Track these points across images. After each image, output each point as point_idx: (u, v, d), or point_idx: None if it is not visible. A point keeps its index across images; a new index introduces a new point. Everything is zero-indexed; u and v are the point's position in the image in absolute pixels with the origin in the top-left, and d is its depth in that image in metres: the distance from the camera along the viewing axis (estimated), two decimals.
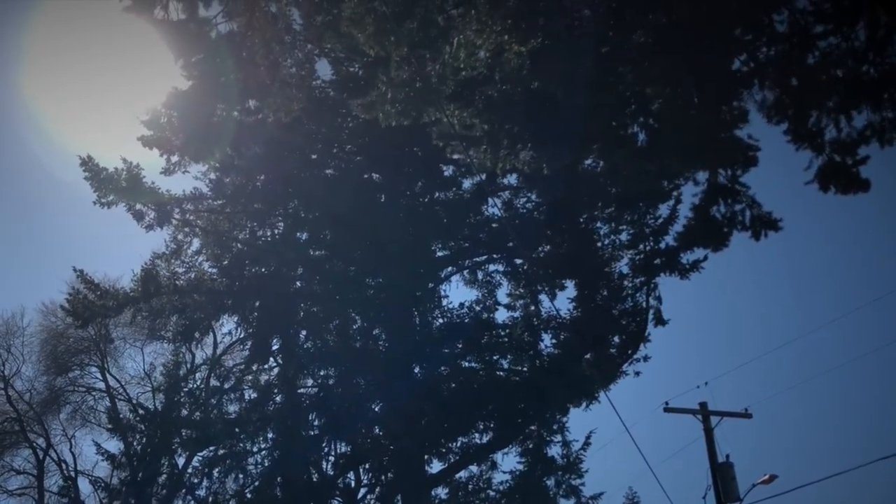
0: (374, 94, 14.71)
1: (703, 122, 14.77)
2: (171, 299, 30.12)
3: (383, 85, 14.30)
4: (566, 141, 14.40)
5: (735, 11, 13.57)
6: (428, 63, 13.83)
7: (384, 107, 14.51)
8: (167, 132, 23.68)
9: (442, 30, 13.26)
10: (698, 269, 21.81)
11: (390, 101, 14.31)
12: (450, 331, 27.49)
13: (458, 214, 27.33)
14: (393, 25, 12.33)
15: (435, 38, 13.20)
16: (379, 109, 14.76)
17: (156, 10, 13.18)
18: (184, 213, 28.79)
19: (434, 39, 13.21)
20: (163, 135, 23.69)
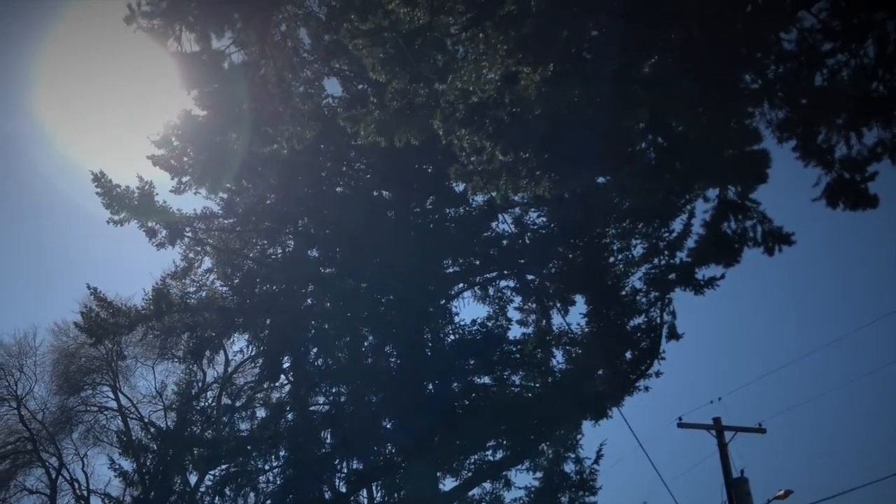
0: (362, 110, 14.90)
1: (713, 140, 14.85)
2: (182, 317, 30.20)
3: (373, 105, 14.51)
4: (582, 165, 14.47)
5: (744, 31, 13.64)
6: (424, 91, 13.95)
7: (367, 125, 14.69)
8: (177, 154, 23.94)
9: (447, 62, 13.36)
10: (714, 286, 21.75)
11: (374, 119, 14.51)
12: (461, 347, 27.45)
13: (469, 230, 27.34)
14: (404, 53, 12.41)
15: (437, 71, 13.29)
16: (361, 125, 14.92)
17: (169, 41, 13.31)
18: (195, 231, 28.92)
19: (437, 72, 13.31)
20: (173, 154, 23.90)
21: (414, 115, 14.02)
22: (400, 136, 14.64)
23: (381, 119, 14.35)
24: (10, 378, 41.95)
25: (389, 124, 14.37)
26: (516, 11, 12.66)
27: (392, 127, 14.41)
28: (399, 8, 12.50)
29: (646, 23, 13.22)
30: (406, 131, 14.43)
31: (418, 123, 14.31)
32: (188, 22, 13.45)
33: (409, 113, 13.98)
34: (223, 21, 13.51)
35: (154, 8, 13.27)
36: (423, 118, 14.28)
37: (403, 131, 14.46)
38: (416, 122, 14.24)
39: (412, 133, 14.51)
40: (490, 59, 13.90)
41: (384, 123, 14.39)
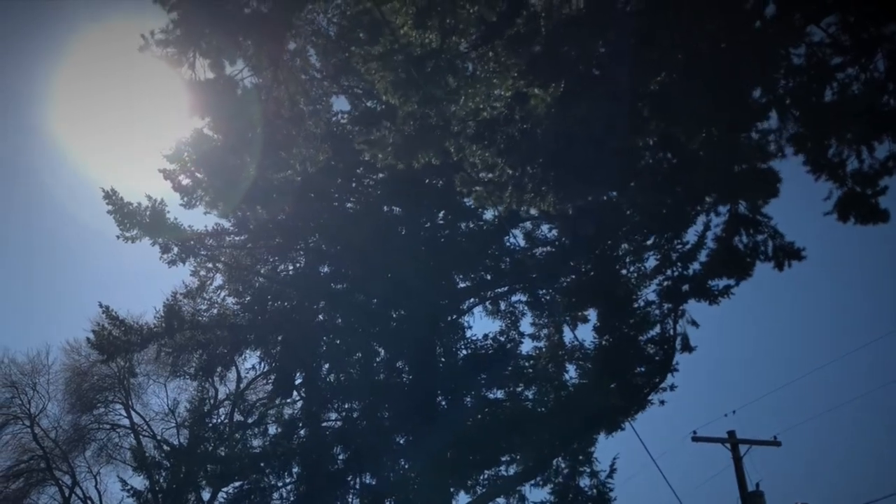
0: (377, 135, 14.99)
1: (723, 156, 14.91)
2: (193, 334, 30.26)
3: (387, 130, 14.59)
4: (590, 181, 14.54)
5: (752, 47, 13.70)
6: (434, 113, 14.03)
7: (384, 148, 14.77)
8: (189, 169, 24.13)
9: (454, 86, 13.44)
10: (728, 295, 21.65)
11: (390, 143, 14.59)
12: (473, 362, 27.46)
13: (480, 245, 27.40)
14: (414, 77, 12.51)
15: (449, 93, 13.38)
16: (378, 150, 15.00)
17: (183, 68, 13.44)
18: (207, 248, 29.03)
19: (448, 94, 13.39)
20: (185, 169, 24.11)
21: (430, 136, 14.09)
22: (419, 158, 14.71)
23: (398, 143, 14.43)
24: (24, 396, 42.24)
25: (407, 147, 14.43)
26: (526, 31, 12.74)
27: (410, 150, 14.47)
28: (411, 31, 12.58)
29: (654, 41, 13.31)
30: (424, 153, 14.50)
31: (436, 144, 14.39)
32: (202, 49, 13.59)
33: (424, 135, 14.05)
34: (236, 47, 13.64)
35: (168, 36, 13.42)
36: (440, 139, 14.35)
37: (422, 153, 14.52)
38: (433, 143, 14.31)
39: (430, 155, 14.58)
40: (500, 78, 13.99)
41: (401, 147, 14.45)
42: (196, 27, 13.56)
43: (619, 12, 12.75)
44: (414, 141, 14.20)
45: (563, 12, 12.27)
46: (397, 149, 14.49)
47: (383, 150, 14.68)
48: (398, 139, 14.32)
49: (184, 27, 13.58)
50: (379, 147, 14.76)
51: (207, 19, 13.52)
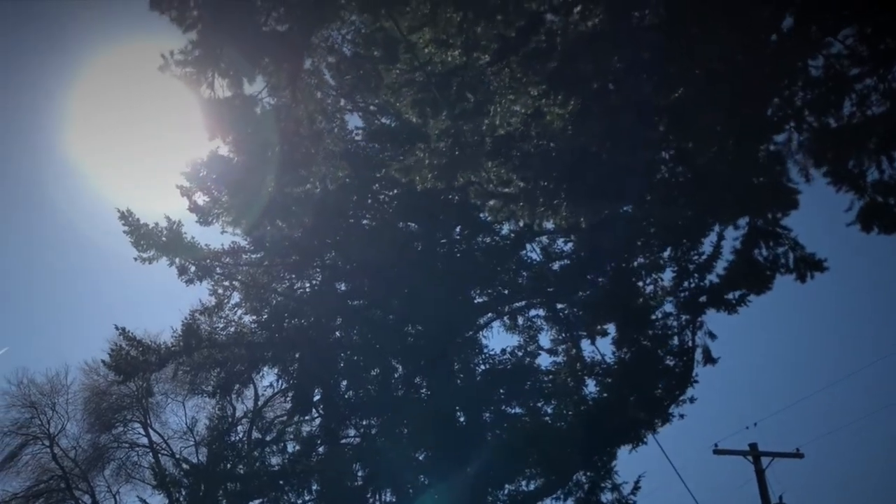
0: (412, 159, 14.99)
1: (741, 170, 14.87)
2: (211, 353, 30.33)
3: (421, 152, 14.58)
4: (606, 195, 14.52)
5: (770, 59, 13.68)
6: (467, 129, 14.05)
7: (422, 172, 14.78)
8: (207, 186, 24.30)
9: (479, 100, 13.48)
10: (746, 303, 21.52)
11: (427, 167, 14.59)
12: (492, 377, 27.43)
13: (497, 260, 27.40)
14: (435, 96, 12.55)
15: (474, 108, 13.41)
16: (416, 174, 15.02)
17: (202, 87, 13.53)
18: (223, 266, 29.13)
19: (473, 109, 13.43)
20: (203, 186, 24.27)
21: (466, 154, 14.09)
22: (459, 178, 14.73)
23: (435, 164, 14.41)
24: (43, 417, 42.38)
25: (447, 168, 14.43)
26: (543, 47, 12.77)
27: (450, 170, 14.47)
28: (433, 49, 12.63)
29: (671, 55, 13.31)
30: (464, 173, 14.51)
31: (474, 163, 14.39)
32: (220, 68, 13.67)
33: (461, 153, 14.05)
34: (255, 66, 13.72)
35: (186, 56, 13.52)
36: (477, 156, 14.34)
37: (461, 173, 14.53)
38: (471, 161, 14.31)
39: (470, 173, 14.60)
40: (516, 94, 14.02)
41: (441, 168, 14.45)
42: (215, 47, 13.66)
43: (635, 28, 12.76)
44: (452, 161, 14.19)
45: (580, 29, 12.29)
46: (437, 170, 14.47)
47: (421, 173, 14.67)
48: (435, 160, 14.31)
49: (203, 47, 13.68)
50: (416, 171, 14.76)
51: (226, 39, 13.61)
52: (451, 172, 14.61)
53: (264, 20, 13.58)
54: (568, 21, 12.39)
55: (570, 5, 12.38)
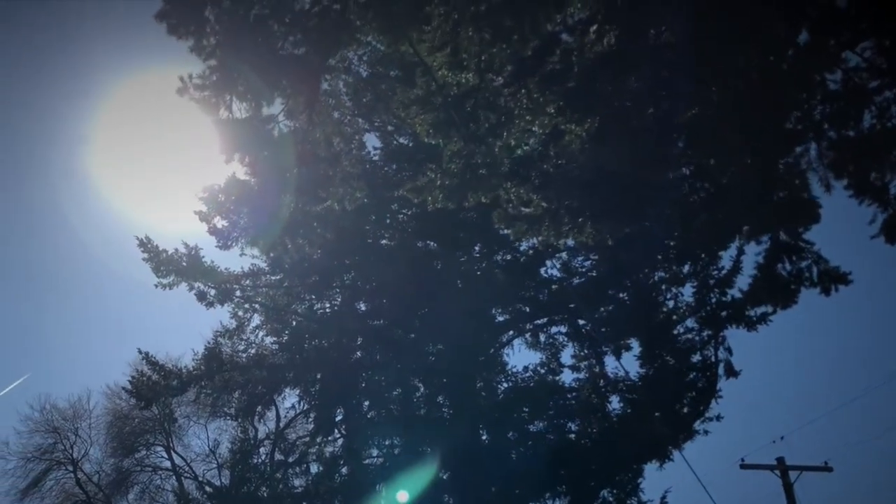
0: (424, 180, 15.01)
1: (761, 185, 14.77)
2: (233, 375, 30.36)
3: (433, 173, 14.60)
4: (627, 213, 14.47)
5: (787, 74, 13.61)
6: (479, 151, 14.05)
7: (433, 192, 14.80)
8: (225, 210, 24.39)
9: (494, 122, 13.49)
10: (766, 322, 21.44)
11: (439, 187, 14.60)
12: (515, 395, 27.36)
13: (517, 277, 27.33)
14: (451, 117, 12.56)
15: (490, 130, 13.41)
16: (427, 194, 15.04)
17: (220, 110, 13.60)
18: (243, 289, 29.19)
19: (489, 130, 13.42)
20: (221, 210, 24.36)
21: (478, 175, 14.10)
22: (469, 199, 14.74)
23: (446, 185, 14.43)
24: (66, 442, 42.48)
25: (456, 188, 14.44)
26: (559, 68, 12.75)
27: (460, 191, 14.49)
28: (448, 71, 12.64)
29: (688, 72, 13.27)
30: (474, 194, 14.52)
31: (485, 184, 14.39)
32: (238, 92, 13.74)
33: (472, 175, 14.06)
34: (272, 89, 13.78)
35: (205, 81, 13.59)
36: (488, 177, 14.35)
37: (472, 194, 14.54)
38: (482, 183, 14.32)
39: (480, 195, 14.60)
40: (534, 114, 14.00)
41: (451, 188, 14.47)
42: (232, 71, 13.73)
43: (650, 46, 12.72)
44: (463, 182, 14.20)
45: (596, 49, 12.27)
46: (447, 191, 14.49)
47: (432, 194, 14.70)
48: (446, 181, 14.33)
49: (220, 72, 13.76)
50: (427, 191, 14.79)
51: (243, 63, 13.68)
52: (462, 193, 14.61)
53: (281, 44, 13.64)
54: (583, 41, 12.37)
55: (585, 25, 12.36)
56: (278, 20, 13.06)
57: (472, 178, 14.18)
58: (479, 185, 14.39)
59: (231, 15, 12.99)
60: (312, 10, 12.92)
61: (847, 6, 12.92)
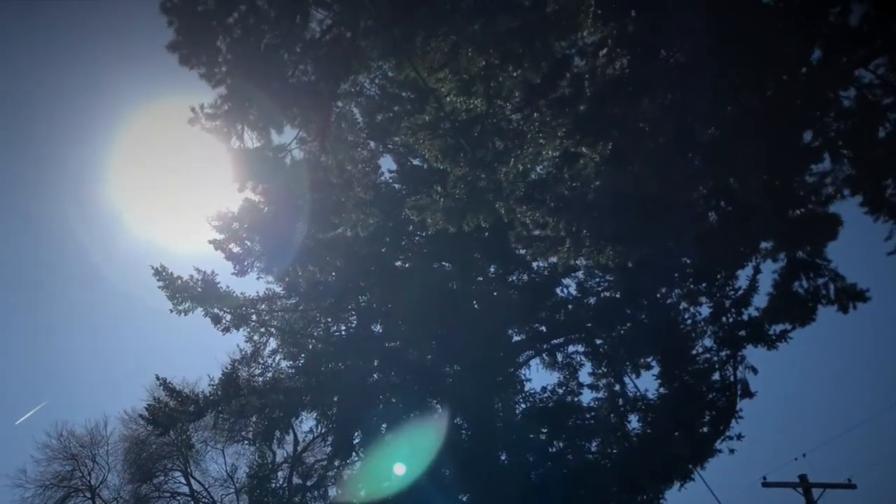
0: (426, 199, 15.05)
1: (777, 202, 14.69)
2: (250, 400, 30.32)
3: (437, 194, 14.64)
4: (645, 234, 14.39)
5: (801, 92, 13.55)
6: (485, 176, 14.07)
7: (434, 213, 14.82)
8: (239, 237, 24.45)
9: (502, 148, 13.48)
10: (786, 340, 21.26)
11: (440, 209, 14.63)
12: (533, 416, 27.17)
13: (533, 297, 27.22)
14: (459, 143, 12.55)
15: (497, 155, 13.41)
16: (427, 214, 15.07)
17: (232, 140, 13.65)
18: (259, 313, 29.23)
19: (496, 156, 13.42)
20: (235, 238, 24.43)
21: (480, 199, 14.13)
22: (469, 221, 14.77)
23: (447, 206, 14.49)
24: (84, 468, 42.57)
25: (456, 211, 14.49)
26: (571, 92, 12.73)
27: (459, 213, 14.54)
28: (456, 98, 12.64)
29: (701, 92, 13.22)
30: (474, 216, 14.55)
31: (486, 207, 14.42)
32: (249, 121, 13.80)
33: (475, 198, 14.10)
34: (283, 117, 13.83)
35: (216, 110, 13.66)
36: (491, 202, 14.38)
37: (471, 216, 14.58)
38: (483, 206, 14.35)
39: (480, 217, 14.62)
40: (546, 138, 13.97)
41: (450, 210, 14.52)
42: (243, 100, 13.79)
43: (662, 68, 12.68)
44: (464, 204, 14.23)
45: (608, 73, 12.24)
46: (447, 212, 14.54)
47: (433, 214, 14.75)
48: (448, 203, 14.37)
49: (231, 101, 13.83)
50: (429, 211, 14.84)
51: (254, 92, 13.74)
52: (461, 215, 14.63)
53: (291, 72, 13.70)
54: (595, 65, 12.34)
55: (596, 49, 12.34)
56: (289, 49, 13.11)
57: (474, 202, 14.20)
58: (479, 209, 14.40)
59: (243, 44, 13.05)
60: (323, 39, 12.98)
61: (859, 24, 12.86)
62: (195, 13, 12.70)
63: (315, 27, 13.12)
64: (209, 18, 12.66)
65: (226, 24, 12.78)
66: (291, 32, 12.89)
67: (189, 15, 12.64)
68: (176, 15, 12.63)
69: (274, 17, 12.75)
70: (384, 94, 26.00)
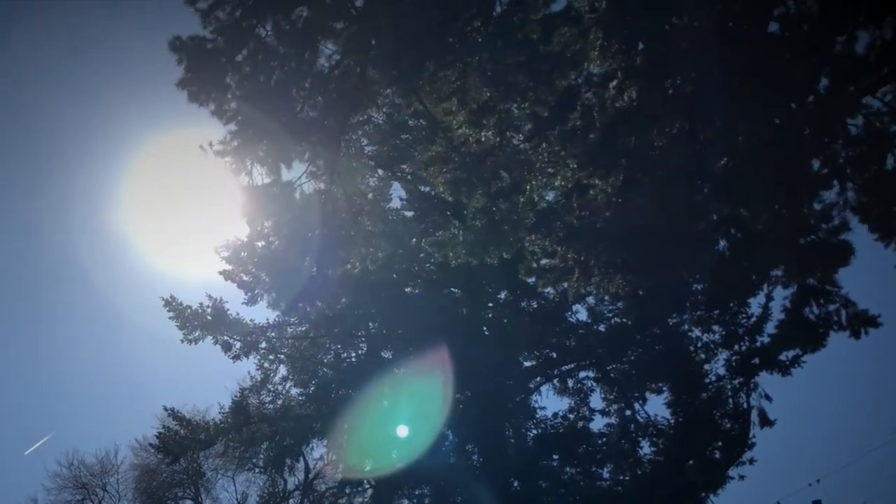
0: (447, 235, 15.06)
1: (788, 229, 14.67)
2: (260, 427, 30.26)
3: (455, 228, 14.64)
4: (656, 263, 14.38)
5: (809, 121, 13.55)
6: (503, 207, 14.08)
7: (455, 248, 14.83)
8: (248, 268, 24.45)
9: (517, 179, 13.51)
10: (799, 365, 21.14)
11: (461, 243, 14.63)
12: (545, 442, 27.05)
13: (544, 323, 27.16)
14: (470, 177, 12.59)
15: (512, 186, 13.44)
16: (448, 249, 15.08)
17: (241, 176, 13.73)
18: (269, 341, 29.22)
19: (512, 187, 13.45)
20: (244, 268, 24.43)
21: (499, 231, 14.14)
22: (491, 254, 14.79)
23: (468, 240, 14.49)
24: (95, 497, 42.47)
25: (478, 244, 14.49)
26: (581, 124, 12.76)
27: (481, 247, 14.53)
28: (467, 130, 12.70)
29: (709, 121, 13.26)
30: (496, 249, 14.55)
31: (507, 239, 14.42)
32: (259, 157, 13.87)
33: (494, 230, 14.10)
34: (293, 152, 13.90)
35: (226, 147, 13.73)
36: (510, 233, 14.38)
37: (493, 250, 14.58)
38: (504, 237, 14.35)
39: (503, 249, 14.62)
40: (556, 168, 14.01)
41: (473, 244, 14.52)
42: (253, 136, 13.86)
43: (670, 98, 12.71)
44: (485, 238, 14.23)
45: (617, 105, 12.27)
46: (469, 246, 14.54)
47: (454, 249, 14.75)
48: (468, 236, 14.37)
49: (241, 137, 13.90)
50: (449, 246, 14.84)
51: (264, 127, 13.81)
52: (484, 249, 14.63)
53: (300, 108, 13.77)
54: (604, 96, 12.38)
55: (604, 80, 12.38)
56: (298, 84, 13.19)
57: (494, 234, 14.20)
58: (501, 241, 14.40)
59: (252, 81, 13.14)
60: (332, 74, 13.05)
61: (866, 52, 12.88)
62: (204, 51, 12.80)
63: (323, 62, 13.20)
64: (218, 56, 12.76)
65: (234, 62, 12.88)
66: (300, 68, 12.98)
67: (198, 53, 12.74)
68: (185, 53, 12.72)
69: (283, 54, 12.84)
70: (391, 123, 26.09)
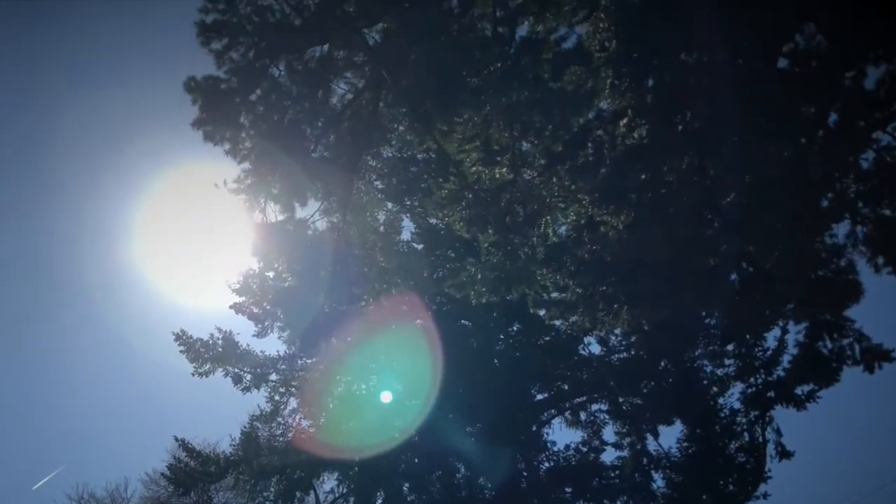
0: (465, 275, 15.10)
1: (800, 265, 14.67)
2: (271, 460, 30.19)
3: (472, 267, 14.69)
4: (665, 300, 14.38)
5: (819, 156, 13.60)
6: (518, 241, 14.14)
7: (475, 287, 14.88)
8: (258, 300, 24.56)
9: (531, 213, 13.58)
10: (814, 400, 21.03)
11: (480, 281, 14.68)
12: (557, 475, 26.89)
13: (555, 356, 27.09)
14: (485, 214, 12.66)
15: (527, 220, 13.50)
16: (470, 289, 15.13)
17: (256, 212, 13.85)
18: (279, 373, 29.24)
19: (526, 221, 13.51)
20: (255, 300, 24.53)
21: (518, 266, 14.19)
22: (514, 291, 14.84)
23: (486, 277, 14.55)
24: None
25: (497, 282, 14.55)
26: (592, 160, 12.83)
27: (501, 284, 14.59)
28: (481, 168, 12.80)
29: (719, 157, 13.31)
30: (517, 287, 14.61)
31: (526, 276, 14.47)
32: (273, 195, 13.99)
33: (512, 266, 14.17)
34: (306, 190, 14.01)
35: (240, 185, 13.87)
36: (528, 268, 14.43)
37: (515, 287, 14.64)
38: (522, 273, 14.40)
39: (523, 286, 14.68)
40: (567, 202, 14.07)
41: (494, 282, 14.58)
42: (266, 175, 13.98)
43: (680, 134, 12.78)
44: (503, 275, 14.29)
45: (627, 141, 12.35)
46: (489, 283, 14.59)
47: (474, 288, 14.81)
48: (486, 273, 14.43)
49: (255, 175, 14.03)
50: (469, 286, 14.89)
51: (277, 166, 13.93)
52: (505, 287, 14.67)
53: (314, 146, 13.91)
54: (615, 133, 12.46)
55: (615, 118, 12.46)
56: (311, 124, 13.33)
57: (511, 270, 14.26)
58: (519, 277, 14.45)
59: (265, 120, 13.28)
60: (345, 113, 13.18)
61: (875, 88, 12.95)
62: (218, 91, 12.96)
63: (336, 102, 13.34)
64: (232, 96, 12.91)
65: (248, 101, 13.03)
66: (313, 107, 13.12)
67: (212, 93, 12.89)
68: (199, 93, 12.88)
69: (296, 94, 12.98)
70: (400, 157, 26.19)
